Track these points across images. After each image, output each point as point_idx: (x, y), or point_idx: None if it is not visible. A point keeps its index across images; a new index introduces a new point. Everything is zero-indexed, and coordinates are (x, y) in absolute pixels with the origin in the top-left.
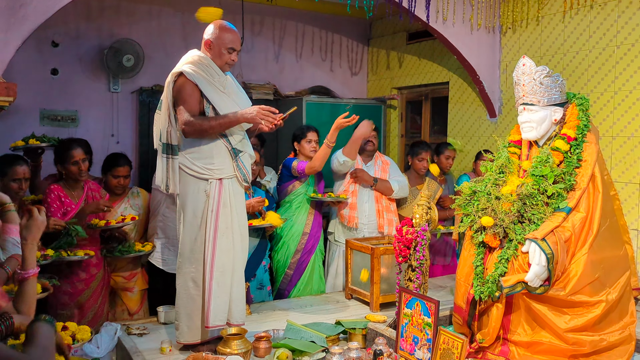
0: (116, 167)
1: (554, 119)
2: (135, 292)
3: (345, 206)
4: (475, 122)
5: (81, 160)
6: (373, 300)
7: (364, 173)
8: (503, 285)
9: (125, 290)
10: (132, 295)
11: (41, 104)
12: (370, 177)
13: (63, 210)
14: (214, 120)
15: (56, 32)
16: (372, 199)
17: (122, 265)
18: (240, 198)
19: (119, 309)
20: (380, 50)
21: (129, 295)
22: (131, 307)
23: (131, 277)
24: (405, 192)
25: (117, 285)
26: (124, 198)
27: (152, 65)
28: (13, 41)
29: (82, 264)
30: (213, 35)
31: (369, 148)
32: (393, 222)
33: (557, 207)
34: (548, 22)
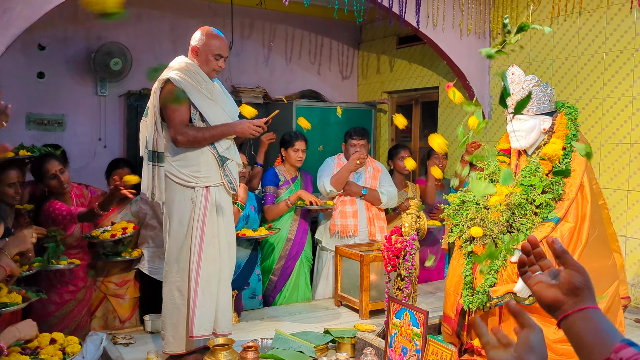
0: (117, 169)
1: (543, 128)
2: (126, 299)
3: (337, 216)
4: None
5: (59, 172)
6: (362, 307)
7: (351, 185)
8: (492, 295)
9: (117, 297)
10: (124, 302)
11: (27, 108)
12: (359, 189)
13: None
14: (207, 132)
15: (43, 35)
16: (362, 206)
17: (114, 272)
18: (228, 206)
19: (110, 315)
20: (370, 54)
21: (120, 303)
22: (122, 315)
23: (123, 284)
24: (394, 202)
25: (109, 291)
26: (126, 204)
27: (141, 69)
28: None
29: (70, 274)
30: (200, 42)
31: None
32: (384, 230)
33: (545, 217)
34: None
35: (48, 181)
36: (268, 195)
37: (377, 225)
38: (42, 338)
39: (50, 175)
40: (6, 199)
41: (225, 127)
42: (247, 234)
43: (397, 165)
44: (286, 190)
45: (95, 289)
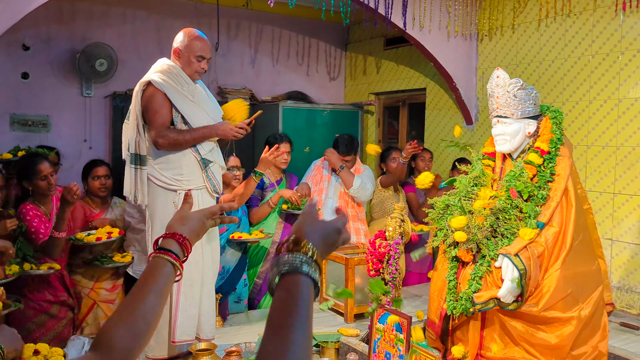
0: (94, 167)
1: (528, 131)
2: (116, 304)
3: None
4: (452, 129)
5: (50, 175)
6: (347, 311)
7: (334, 156)
8: (475, 301)
9: (107, 303)
10: (114, 307)
11: (11, 109)
12: (339, 162)
13: (44, 227)
14: (189, 135)
15: (27, 35)
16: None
17: (105, 277)
18: None
19: (102, 321)
20: (357, 55)
21: (111, 308)
22: None
23: (114, 289)
24: (364, 193)
25: (99, 297)
26: (108, 208)
27: (126, 70)
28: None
29: (49, 279)
30: (182, 44)
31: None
32: (361, 231)
33: (530, 221)
34: (524, 30)
35: (37, 181)
36: (253, 198)
37: (353, 226)
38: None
39: (41, 177)
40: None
41: (207, 129)
42: (244, 237)
43: (389, 166)
44: (271, 192)
45: (84, 297)
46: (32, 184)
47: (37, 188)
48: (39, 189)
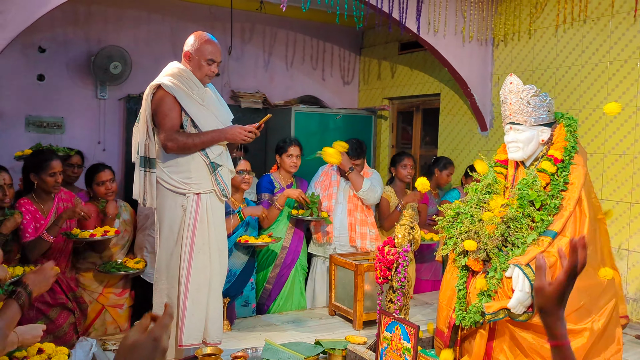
0: (97, 173)
1: (541, 139)
2: (124, 308)
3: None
4: (466, 135)
5: (58, 173)
6: (356, 318)
7: (343, 157)
8: (485, 311)
9: (116, 307)
10: (122, 311)
11: (27, 111)
12: (347, 163)
13: (34, 225)
14: (198, 138)
15: (43, 38)
16: (344, 212)
17: (115, 282)
18: (219, 213)
19: (110, 326)
20: (372, 59)
21: (119, 312)
22: (122, 324)
23: (122, 293)
24: (372, 195)
25: (108, 302)
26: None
27: (140, 72)
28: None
29: None
30: (192, 47)
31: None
32: (367, 236)
33: (542, 231)
34: (541, 35)
35: (45, 177)
36: (263, 202)
37: (359, 231)
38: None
39: (50, 173)
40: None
41: (216, 132)
42: (250, 241)
43: (399, 172)
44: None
45: (92, 301)
46: (39, 178)
47: (43, 183)
48: (44, 185)
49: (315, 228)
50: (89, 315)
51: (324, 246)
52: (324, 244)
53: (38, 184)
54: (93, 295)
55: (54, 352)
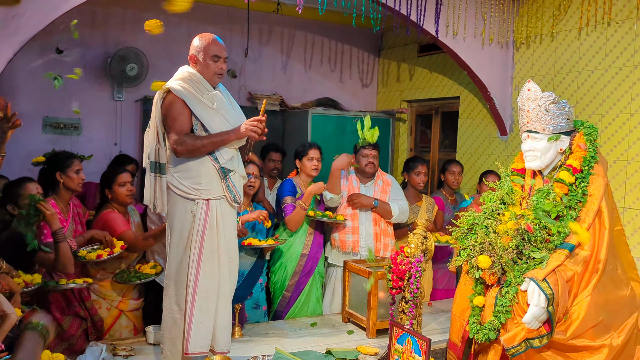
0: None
1: (560, 148)
2: (140, 310)
3: (342, 229)
4: (485, 139)
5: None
6: (370, 326)
7: (361, 198)
8: (505, 346)
9: (133, 311)
10: (138, 313)
11: (44, 112)
12: (370, 200)
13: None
14: (207, 139)
15: (60, 39)
16: (369, 221)
17: (133, 289)
18: (230, 220)
19: (125, 330)
20: (391, 62)
21: (135, 314)
22: (139, 325)
23: (139, 298)
24: (404, 217)
25: (127, 307)
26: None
27: (157, 74)
28: (4, 53)
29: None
30: (196, 49)
31: (369, 170)
32: (389, 247)
33: (559, 243)
34: (563, 38)
35: (71, 174)
36: (288, 206)
37: (383, 241)
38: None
39: (75, 170)
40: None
41: (225, 133)
42: (253, 243)
43: (413, 179)
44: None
45: (111, 309)
46: (65, 177)
47: (69, 181)
48: (70, 182)
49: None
50: (106, 320)
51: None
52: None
53: (64, 183)
54: (113, 304)
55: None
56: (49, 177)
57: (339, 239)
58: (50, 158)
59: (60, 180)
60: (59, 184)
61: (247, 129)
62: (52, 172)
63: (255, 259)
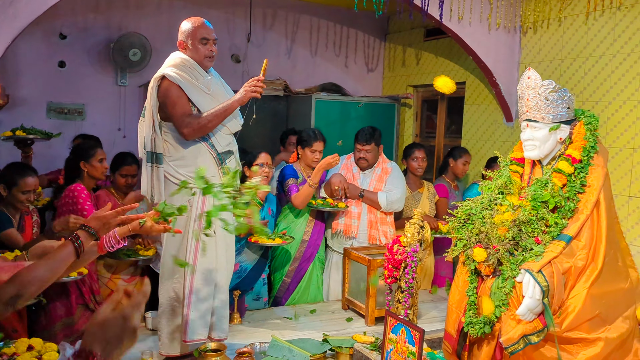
0: (124, 165)
1: (559, 137)
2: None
3: (341, 215)
4: (491, 125)
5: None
6: (368, 313)
7: (349, 189)
8: (504, 345)
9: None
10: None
11: (48, 97)
12: (356, 191)
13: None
14: (210, 114)
15: (64, 24)
16: (365, 208)
17: (123, 269)
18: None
19: None
20: (397, 46)
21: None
22: None
23: (131, 280)
24: (397, 206)
25: (117, 288)
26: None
27: (161, 59)
28: (3, 39)
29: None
30: (183, 35)
31: (361, 165)
32: (388, 234)
33: (556, 235)
34: (571, 23)
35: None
36: (292, 186)
37: (381, 229)
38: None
39: (99, 159)
40: (19, 205)
41: (227, 102)
42: (260, 241)
43: (411, 165)
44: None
45: (102, 285)
46: (89, 166)
47: (93, 170)
48: (93, 172)
49: (334, 220)
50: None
51: (341, 240)
52: (340, 237)
53: (88, 172)
54: (102, 280)
55: (43, 348)
56: (73, 166)
57: (344, 223)
58: (75, 148)
59: (84, 170)
60: (83, 173)
61: (247, 92)
62: (77, 161)
63: (260, 254)
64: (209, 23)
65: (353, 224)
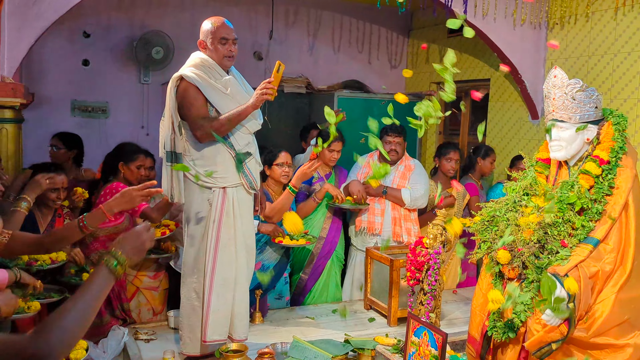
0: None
1: (587, 138)
2: (159, 291)
3: (364, 212)
4: (516, 123)
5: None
6: (391, 314)
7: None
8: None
9: (150, 290)
10: (157, 294)
11: (72, 95)
12: (380, 187)
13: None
14: (223, 117)
15: (88, 23)
16: (388, 205)
17: (148, 266)
18: (247, 207)
19: (144, 307)
20: (420, 42)
21: (153, 295)
22: (156, 307)
23: (156, 276)
24: (420, 202)
25: (142, 284)
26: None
27: (183, 57)
28: (26, 38)
29: None
30: (203, 35)
31: (392, 158)
32: (412, 231)
33: (582, 238)
34: (598, 18)
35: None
36: (300, 193)
37: (404, 226)
38: None
39: (138, 165)
40: (50, 204)
41: (241, 106)
42: (284, 242)
43: (443, 165)
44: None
45: (127, 283)
46: (126, 168)
47: (129, 173)
48: (129, 175)
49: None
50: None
51: (364, 237)
52: (364, 235)
53: (124, 174)
54: (128, 278)
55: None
56: (111, 164)
57: (368, 220)
58: (118, 147)
59: (121, 171)
60: (119, 173)
61: (258, 96)
62: (117, 160)
63: (282, 253)
64: (229, 23)
65: (377, 221)
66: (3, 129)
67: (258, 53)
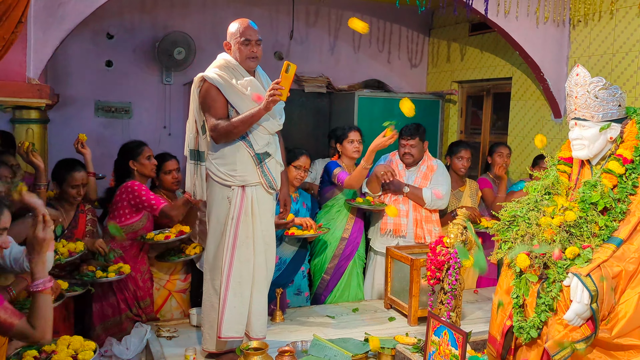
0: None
1: (610, 136)
2: (187, 293)
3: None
4: (538, 122)
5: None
6: (411, 313)
7: (393, 182)
8: (550, 352)
9: (180, 292)
10: (185, 296)
11: (96, 96)
12: (400, 186)
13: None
14: (236, 120)
15: (111, 24)
16: (411, 206)
17: (179, 269)
18: (266, 206)
19: (176, 311)
20: (441, 41)
21: (183, 297)
22: (186, 308)
23: (186, 279)
24: (441, 203)
25: (175, 288)
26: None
27: (205, 58)
28: (51, 41)
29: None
30: (228, 36)
31: (406, 161)
32: (433, 233)
33: (606, 237)
34: (623, 15)
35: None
36: (340, 173)
37: (426, 228)
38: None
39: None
40: (72, 200)
41: (254, 109)
42: (296, 233)
43: (454, 164)
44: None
45: (160, 288)
46: (138, 164)
47: (142, 168)
48: (143, 169)
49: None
50: (156, 301)
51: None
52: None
53: (137, 170)
54: (161, 283)
55: (81, 346)
56: (122, 167)
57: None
58: (121, 148)
59: (133, 169)
60: (133, 172)
61: (268, 98)
62: (125, 161)
63: (298, 247)
64: (254, 24)
65: (402, 223)
66: (29, 129)
67: (279, 53)
